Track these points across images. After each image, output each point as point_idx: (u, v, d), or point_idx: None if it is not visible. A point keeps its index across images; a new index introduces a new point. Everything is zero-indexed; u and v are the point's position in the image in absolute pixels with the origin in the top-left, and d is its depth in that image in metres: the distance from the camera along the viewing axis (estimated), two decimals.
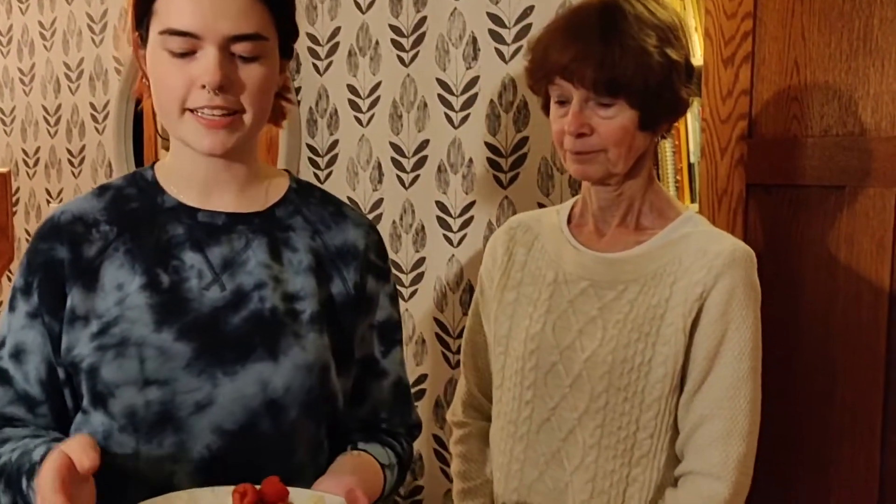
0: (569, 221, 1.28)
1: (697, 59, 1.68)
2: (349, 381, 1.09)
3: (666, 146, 2.04)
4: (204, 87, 0.95)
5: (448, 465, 1.98)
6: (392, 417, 1.15)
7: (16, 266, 3.08)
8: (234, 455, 0.99)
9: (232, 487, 0.92)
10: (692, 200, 2.07)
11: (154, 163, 1.11)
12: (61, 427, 1.03)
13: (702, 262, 1.14)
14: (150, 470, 0.97)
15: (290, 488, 0.91)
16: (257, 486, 0.89)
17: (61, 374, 1.02)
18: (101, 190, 1.08)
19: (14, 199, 3.06)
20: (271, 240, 1.05)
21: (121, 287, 1.00)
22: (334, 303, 1.07)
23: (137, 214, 1.04)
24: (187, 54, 0.96)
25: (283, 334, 1.01)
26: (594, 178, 1.18)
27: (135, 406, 0.96)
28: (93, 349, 0.98)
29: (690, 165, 2.16)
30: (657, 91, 1.12)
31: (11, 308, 1.03)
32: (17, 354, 1.01)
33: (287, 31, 1.03)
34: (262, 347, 1.00)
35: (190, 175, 1.05)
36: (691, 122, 2.07)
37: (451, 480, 1.97)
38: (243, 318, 1.01)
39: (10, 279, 3.12)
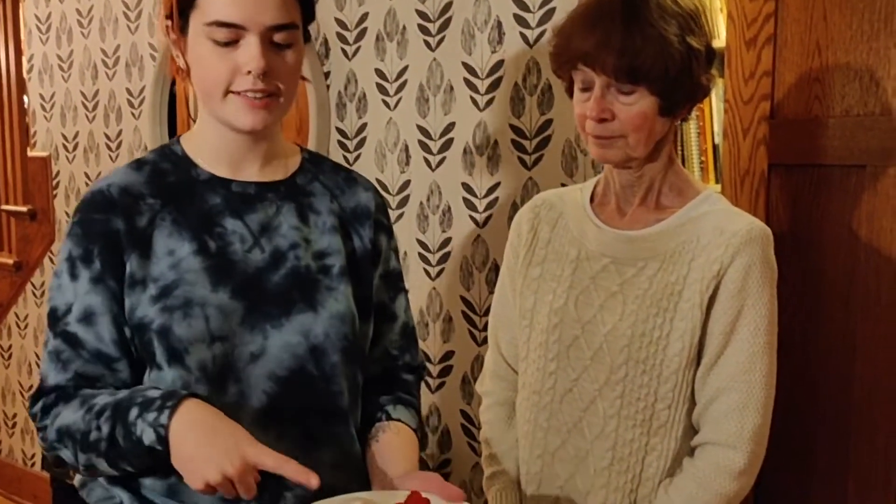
0: (591, 200, 1.32)
1: (720, 40, 1.70)
2: (370, 327, 1.22)
3: (691, 128, 2.05)
4: (249, 72, 1.06)
5: (475, 440, 2.04)
6: (401, 356, 1.28)
7: (57, 246, 3.17)
8: (288, 398, 1.11)
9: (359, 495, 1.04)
10: (717, 181, 2.09)
11: (178, 138, 1.21)
12: (137, 382, 1.11)
13: (719, 240, 1.18)
14: None
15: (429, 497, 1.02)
16: None
17: (127, 333, 1.10)
18: (138, 164, 1.17)
19: (54, 182, 3.15)
20: (298, 205, 1.17)
21: (172, 253, 1.10)
22: (356, 257, 1.20)
23: (176, 187, 1.14)
24: (230, 43, 1.06)
25: (318, 288, 1.14)
26: (614, 161, 1.22)
27: (205, 360, 1.07)
28: (158, 311, 1.07)
29: (715, 146, 2.17)
30: (677, 78, 1.15)
31: (72, 276, 1.10)
32: (87, 317, 1.09)
33: (308, 18, 1.14)
34: (301, 301, 1.12)
35: (219, 149, 1.16)
36: (716, 104, 2.08)
37: (477, 454, 2.03)
38: (283, 276, 1.13)
39: (51, 260, 3.22)
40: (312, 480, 0.95)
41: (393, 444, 1.18)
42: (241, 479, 0.96)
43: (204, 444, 0.98)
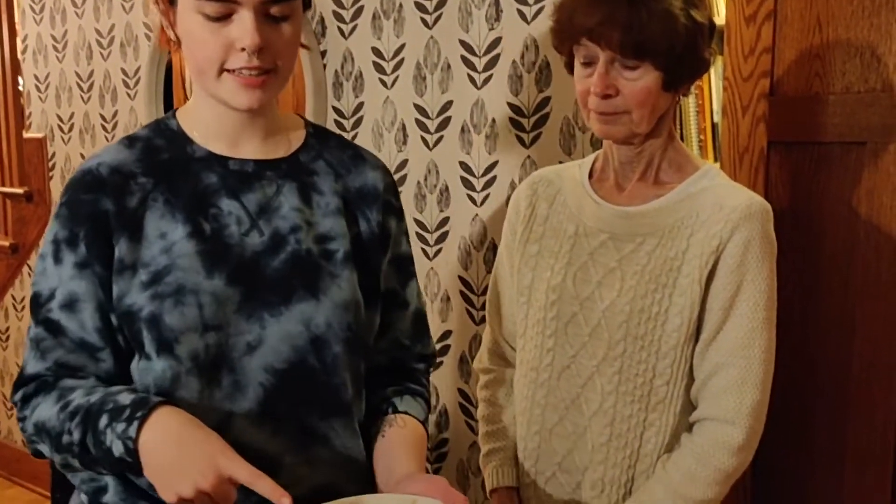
0: (590, 176, 1.31)
1: (720, 18, 1.68)
2: (377, 315, 1.16)
3: (689, 105, 2.04)
4: (243, 49, 0.99)
5: (473, 419, 2.04)
6: (413, 345, 1.22)
7: None
8: (286, 392, 1.05)
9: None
10: (715, 159, 2.08)
11: (174, 111, 1.14)
12: (121, 372, 1.06)
13: (718, 215, 1.17)
14: (210, 411, 1.02)
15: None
16: None
17: (113, 321, 1.05)
18: (130, 141, 1.11)
19: (50, 163, 3.14)
20: (300, 184, 1.11)
21: (164, 236, 1.04)
22: (362, 241, 1.13)
23: (170, 165, 1.08)
24: (222, 18, 0.99)
25: (320, 275, 1.07)
26: (617, 137, 1.21)
27: (197, 350, 1.01)
28: (149, 298, 1.02)
29: (714, 125, 2.16)
30: (682, 53, 1.14)
31: (57, 260, 1.05)
32: (71, 304, 1.04)
33: None
34: (302, 288, 1.06)
35: (217, 126, 1.10)
36: (715, 82, 2.07)
37: (475, 433, 2.03)
38: (282, 261, 1.06)
39: None
40: (284, 501, 0.90)
41: (399, 440, 1.12)
42: (216, 491, 0.91)
43: (175, 456, 0.93)
